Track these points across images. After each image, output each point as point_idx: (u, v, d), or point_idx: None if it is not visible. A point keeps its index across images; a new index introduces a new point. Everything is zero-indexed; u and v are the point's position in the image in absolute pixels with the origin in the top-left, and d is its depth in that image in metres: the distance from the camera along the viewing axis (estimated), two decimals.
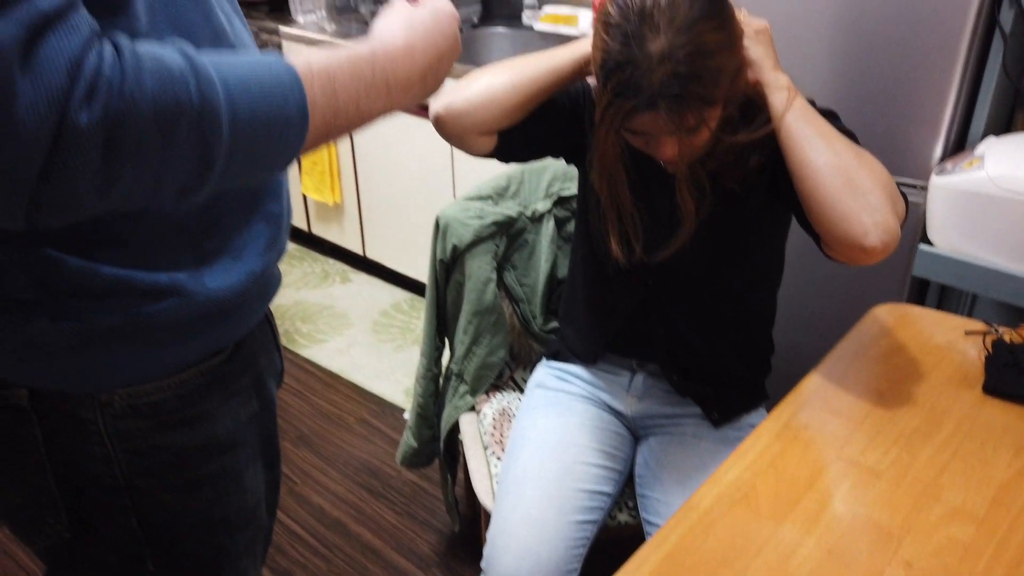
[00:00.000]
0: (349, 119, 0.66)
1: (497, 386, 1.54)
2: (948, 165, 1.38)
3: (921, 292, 1.56)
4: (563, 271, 1.56)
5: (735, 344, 1.23)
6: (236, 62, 0.58)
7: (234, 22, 0.74)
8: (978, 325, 1.19)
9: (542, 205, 1.52)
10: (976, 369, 1.09)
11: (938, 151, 1.45)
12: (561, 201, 1.54)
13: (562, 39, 2.43)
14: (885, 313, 1.24)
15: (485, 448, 1.40)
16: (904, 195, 1.00)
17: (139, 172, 0.53)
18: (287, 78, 0.60)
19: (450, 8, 0.75)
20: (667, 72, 0.88)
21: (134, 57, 0.52)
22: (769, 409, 1.30)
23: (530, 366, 1.58)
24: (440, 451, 1.59)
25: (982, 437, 0.97)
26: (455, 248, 1.44)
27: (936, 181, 1.37)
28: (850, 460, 0.94)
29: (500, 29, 2.59)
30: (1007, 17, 1.34)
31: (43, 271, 0.64)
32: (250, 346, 0.81)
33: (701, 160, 1.03)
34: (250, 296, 0.77)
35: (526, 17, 2.51)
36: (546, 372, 1.35)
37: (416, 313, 2.64)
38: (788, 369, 1.40)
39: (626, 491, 1.28)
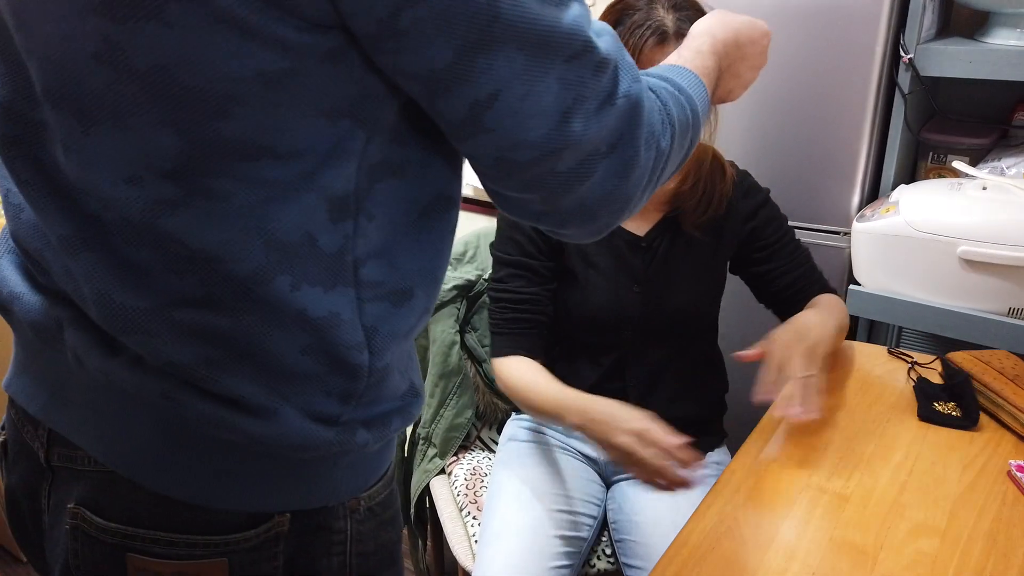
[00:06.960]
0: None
1: (465, 447, 1.56)
2: (867, 212, 1.52)
3: (851, 327, 1.68)
4: None
5: (701, 384, 1.31)
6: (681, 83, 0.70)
7: None
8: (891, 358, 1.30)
9: None
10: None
11: (855, 200, 1.59)
12: None
13: None
14: None
15: (461, 510, 1.41)
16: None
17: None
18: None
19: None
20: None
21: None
22: (728, 447, 1.37)
23: (496, 424, 1.61)
24: (410, 518, 1.58)
25: (932, 457, 1.06)
26: None
27: (858, 227, 1.50)
28: (819, 487, 1.01)
29: None
30: (904, 78, 1.50)
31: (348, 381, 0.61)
32: None
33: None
34: None
35: None
36: (517, 426, 1.38)
37: None
38: (738, 407, 1.48)
39: (602, 539, 1.31)
